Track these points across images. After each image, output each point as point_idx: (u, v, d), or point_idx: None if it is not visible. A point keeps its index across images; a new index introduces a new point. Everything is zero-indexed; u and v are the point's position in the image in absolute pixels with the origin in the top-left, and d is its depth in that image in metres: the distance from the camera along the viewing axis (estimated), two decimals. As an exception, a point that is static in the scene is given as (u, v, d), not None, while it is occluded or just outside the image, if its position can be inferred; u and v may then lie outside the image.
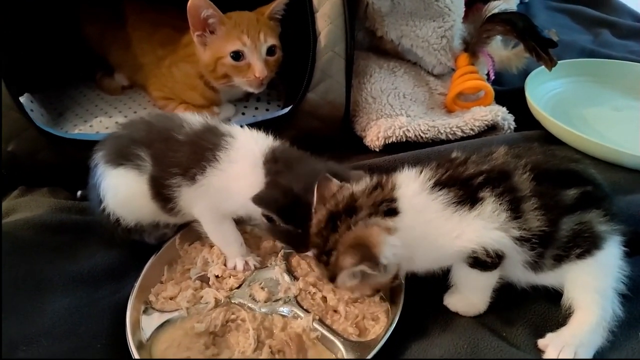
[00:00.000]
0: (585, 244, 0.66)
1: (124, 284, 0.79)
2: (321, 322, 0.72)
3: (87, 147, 0.84)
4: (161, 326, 0.73)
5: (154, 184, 0.77)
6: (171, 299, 0.77)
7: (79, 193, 0.96)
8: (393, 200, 0.64)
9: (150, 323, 0.73)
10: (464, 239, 0.64)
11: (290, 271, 0.80)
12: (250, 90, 1.03)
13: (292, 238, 0.74)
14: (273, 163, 0.75)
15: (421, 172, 0.68)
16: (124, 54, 1.13)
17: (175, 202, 0.78)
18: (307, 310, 0.73)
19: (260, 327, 0.72)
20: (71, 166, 0.92)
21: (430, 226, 0.64)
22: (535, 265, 0.67)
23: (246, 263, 0.81)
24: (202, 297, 0.76)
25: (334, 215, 0.64)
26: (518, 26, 1.07)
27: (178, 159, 0.75)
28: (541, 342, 0.67)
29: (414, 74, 1.17)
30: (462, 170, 0.67)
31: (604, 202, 0.69)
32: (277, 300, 0.75)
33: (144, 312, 0.75)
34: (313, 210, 0.68)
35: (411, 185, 0.66)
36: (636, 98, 1.19)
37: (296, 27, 1.02)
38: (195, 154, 0.75)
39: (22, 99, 1.03)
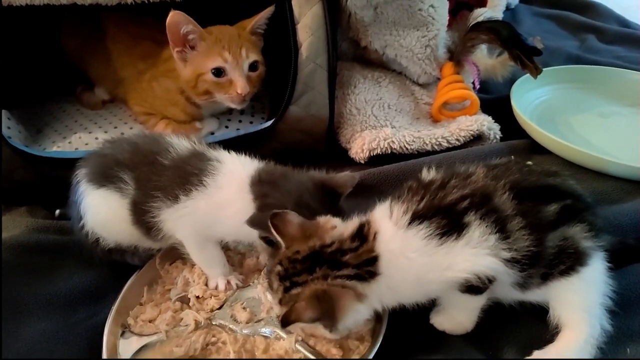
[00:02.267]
0: (569, 261, 0.65)
1: (102, 306, 0.77)
2: (304, 342, 0.70)
3: (63, 165, 0.82)
4: (139, 350, 0.71)
5: (135, 210, 0.75)
6: (150, 321, 0.75)
7: (57, 212, 0.94)
8: (375, 259, 0.62)
9: (128, 347, 0.71)
10: (455, 269, 0.62)
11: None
12: (233, 106, 1.01)
13: None
14: (259, 185, 0.73)
15: (394, 208, 0.65)
16: (105, 68, 1.11)
17: (158, 228, 0.75)
18: (289, 331, 0.71)
19: (242, 350, 0.69)
20: (48, 185, 0.91)
21: (414, 265, 0.62)
22: (523, 285, 0.66)
23: (228, 282, 0.79)
24: (182, 319, 0.74)
25: (316, 257, 0.62)
26: (502, 35, 1.07)
27: (162, 182, 0.73)
28: (528, 360, 0.65)
29: (399, 84, 1.15)
30: (442, 195, 0.65)
31: (586, 214, 0.67)
32: (259, 321, 0.73)
33: (122, 335, 0.73)
34: (280, 243, 0.65)
35: (386, 229, 0.63)
36: (622, 104, 1.18)
37: (279, 38, 1.01)
38: (179, 178, 0.73)
39: (-2, 117, 1.01)
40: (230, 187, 0.73)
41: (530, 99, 1.18)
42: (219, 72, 0.96)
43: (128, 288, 0.78)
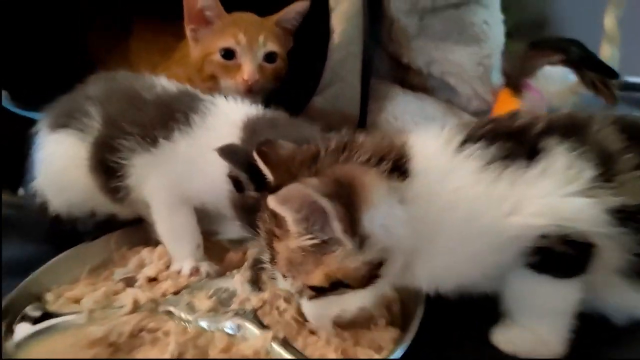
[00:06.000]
0: None
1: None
2: (286, 343, 0.45)
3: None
4: (45, 332, 0.48)
5: (97, 150, 0.60)
6: (76, 302, 0.53)
7: (20, 191, 0.78)
8: (403, 157, 0.42)
9: (28, 327, 0.48)
10: (524, 213, 0.40)
11: (256, 283, 0.55)
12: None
13: None
14: (254, 127, 0.57)
15: (442, 129, 0.46)
16: (122, 65, 1.03)
17: (123, 176, 0.59)
18: (265, 326, 0.47)
19: (189, 344, 0.45)
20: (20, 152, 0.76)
21: (460, 197, 0.41)
22: None
23: (196, 269, 0.57)
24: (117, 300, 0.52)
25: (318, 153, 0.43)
26: (571, 54, 0.91)
27: (139, 118, 0.59)
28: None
29: (445, 106, 0.99)
30: (509, 123, 0.46)
31: None
32: (225, 313, 0.49)
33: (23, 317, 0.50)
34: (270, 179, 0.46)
35: (430, 142, 0.45)
36: None
37: (310, 37, 0.90)
38: (163, 115, 0.59)
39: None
40: (220, 129, 0.58)
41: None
42: (228, 53, 0.83)
43: (61, 260, 0.58)
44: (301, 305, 0.45)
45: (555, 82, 0.97)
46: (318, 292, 0.41)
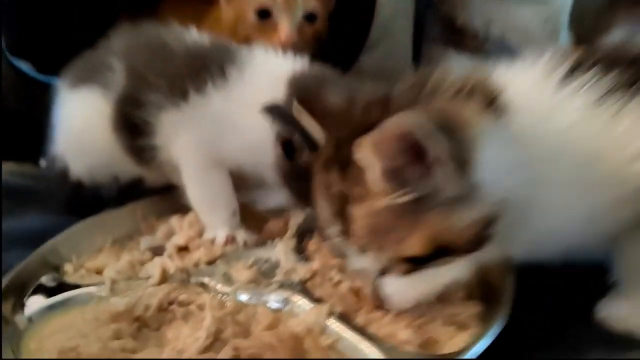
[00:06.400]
0: None
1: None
2: (345, 319, 0.36)
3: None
4: (62, 306, 0.41)
5: (121, 105, 0.53)
6: (98, 273, 0.45)
7: (42, 162, 0.72)
8: (493, 92, 0.33)
9: (42, 300, 0.42)
10: None
11: (301, 253, 0.47)
12: None
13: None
14: (304, 82, 0.49)
15: (542, 58, 0.36)
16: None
17: (149, 135, 0.52)
18: (319, 299, 0.39)
19: (227, 319, 0.37)
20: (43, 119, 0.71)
21: (570, 139, 0.33)
22: None
23: (232, 238, 0.49)
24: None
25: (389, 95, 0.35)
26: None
27: (167, 69, 0.52)
28: None
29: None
30: (628, 47, 0.38)
31: None
32: (268, 286, 0.41)
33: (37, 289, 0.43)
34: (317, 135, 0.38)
35: (524, 75, 0.36)
36: None
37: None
38: (194, 66, 0.52)
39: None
40: (261, 83, 0.50)
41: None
42: (263, 13, 0.75)
43: (83, 227, 0.51)
44: (380, 286, 0.35)
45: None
46: (416, 263, 0.32)
